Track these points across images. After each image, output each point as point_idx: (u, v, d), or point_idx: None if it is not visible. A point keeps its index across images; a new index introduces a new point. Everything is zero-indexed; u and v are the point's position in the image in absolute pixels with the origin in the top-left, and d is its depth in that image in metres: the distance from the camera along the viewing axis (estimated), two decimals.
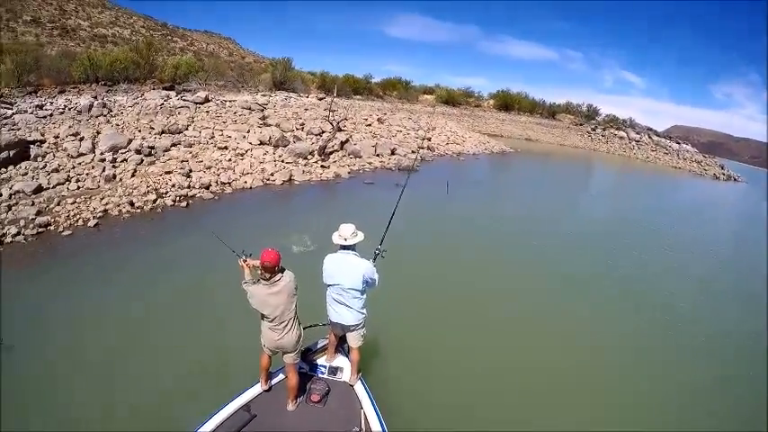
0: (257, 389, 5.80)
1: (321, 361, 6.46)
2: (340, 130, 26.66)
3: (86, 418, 6.06)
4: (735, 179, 46.13)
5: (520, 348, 8.66)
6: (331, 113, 27.45)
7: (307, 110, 31.05)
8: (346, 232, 5.90)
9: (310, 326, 6.36)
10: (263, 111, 27.67)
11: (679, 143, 56.02)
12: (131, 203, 13.96)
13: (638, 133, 57.23)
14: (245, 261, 5.61)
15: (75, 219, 12.58)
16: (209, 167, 18.15)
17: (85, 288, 9.42)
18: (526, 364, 8.18)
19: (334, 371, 6.29)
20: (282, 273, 5.35)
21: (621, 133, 56.93)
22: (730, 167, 52.01)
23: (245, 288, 5.38)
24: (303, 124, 26.78)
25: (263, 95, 32.17)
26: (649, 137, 56.85)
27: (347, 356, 6.38)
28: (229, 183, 17.47)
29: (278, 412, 5.54)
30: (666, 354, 9.47)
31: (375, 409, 5.57)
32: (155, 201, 14.50)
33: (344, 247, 5.92)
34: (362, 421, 5.44)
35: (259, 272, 5.37)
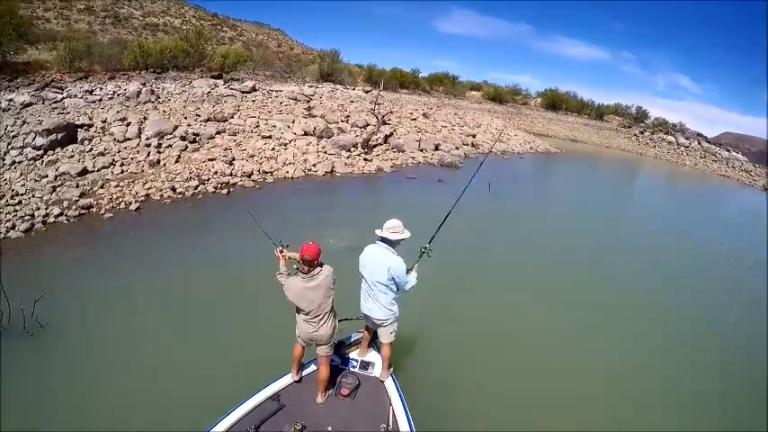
0: (288, 379, 5.74)
1: (353, 355, 6.39)
2: (385, 123, 26.34)
3: (104, 409, 6.02)
4: None
5: (554, 352, 8.39)
6: (377, 107, 27.15)
7: (352, 102, 30.88)
8: (386, 225, 5.66)
9: (344, 319, 6.23)
10: (308, 102, 27.61)
11: (729, 151, 53.55)
12: (173, 189, 13.98)
13: (687, 138, 55.06)
14: (281, 252, 5.50)
15: (117, 202, 12.67)
16: (252, 156, 18.11)
17: (119, 271, 9.43)
18: (562, 368, 7.90)
19: (365, 365, 6.19)
20: (321, 267, 5.20)
21: (670, 138, 54.81)
22: None
23: (280, 279, 5.30)
24: (348, 116, 26.58)
25: (310, 86, 32.05)
26: (699, 143, 54.67)
27: (379, 352, 6.22)
28: (271, 172, 17.36)
29: (307, 404, 5.47)
30: (668, 354, 9.16)
31: (404, 406, 5.46)
32: (196, 187, 14.50)
33: (382, 239, 5.68)
34: (390, 418, 5.33)
35: (295, 265, 5.28)
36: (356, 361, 6.25)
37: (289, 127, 21.97)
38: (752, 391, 8.25)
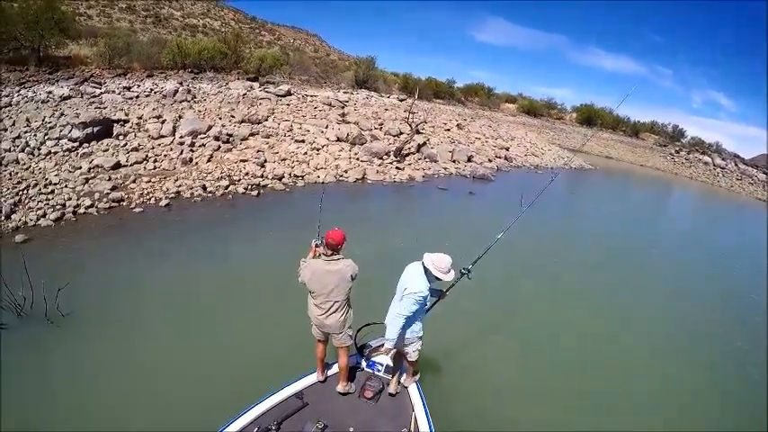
0: (312, 378, 5.81)
1: (379, 359, 6.29)
2: (418, 132, 26.13)
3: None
4: None
5: (579, 366, 8.29)
6: (411, 115, 26.95)
7: (387, 110, 30.70)
8: (435, 257, 5.33)
9: (371, 323, 6.39)
10: (343, 108, 27.53)
11: (766, 174, 52.45)
12: (204, 187, 13.96)
13: (723, 159, 53.61)
14: (316, 245, 5.69)
15: (147, 197, 12.70)
16: (284, 159, 18.04)
17: (142, 266, 9.47)
18: (585, 383, 7.83)
19: (390, 370, 6.06)
20: (344, 258, 5.34)
21: (706, 158, 53.48)
22: None
23: (301, 263, 5.46)
24: (382, 124, 26.44)
25: (345, 93, 32.05)
26: (735, 164, 53.15)
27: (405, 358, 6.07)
28: (303, 176, 17.25)
29: (330, 404, 5.51)
30: (667, 354, 9.33)
31: (426, 413, 5.44)
32: (227, 187, 14.46)
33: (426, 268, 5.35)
34: (412, 424, 5.33)
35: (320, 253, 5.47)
36: (381, 365, 6.19)
37: (322, 132, 21.87)
38: (752, 391, 8.39)
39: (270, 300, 8.60)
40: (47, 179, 12.22)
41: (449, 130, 31.79)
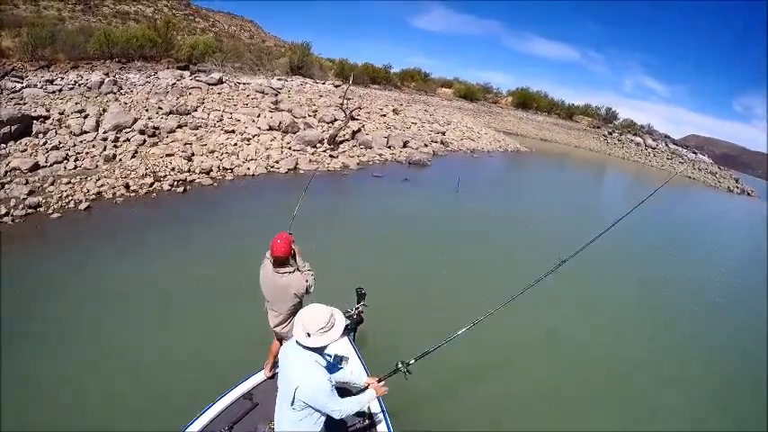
0: (260, 376, 5.69)
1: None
2: (353, 118, 26.37)
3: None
4: (748, 194, 45.24)
5: (534, 358, 8.76)
6: (346, 101, 27.07)
7: (321, 96, 30.79)
8: (303, 319, 3.73)
9: None
10: (276, 95, 27.42)
11: (695, 153, 55.51)
12: (127, 186, 13.77)
13: (654, 140, 57.07)
14: None
15: (66, 200, 12.34)
16: (213, 151, 17.97)
17: (58, 283, 8.82)
18: (540, 374, 8.30)
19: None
20: (295, 271, 5.06)
21: (638, 139, 56.80)
22: (745, 181, 50.87)
23: (266, 256, 5.18)
24: (316, 111, 26.56)
25: (279, 79, 31.94)
26: (666, 144, 56.60)
27: (354, 347, 5.99)
28: (231, 169, 17.28)
29: None
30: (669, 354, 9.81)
31: (381, 404, 5.36)
32: (151, 185, 14.29)
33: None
34: (366, 413, 5.29)
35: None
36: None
37: (253, 121, 21.86)
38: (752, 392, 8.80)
39: (205, 304, 8.49)
40: None
41: (385, 115, 32.16)
